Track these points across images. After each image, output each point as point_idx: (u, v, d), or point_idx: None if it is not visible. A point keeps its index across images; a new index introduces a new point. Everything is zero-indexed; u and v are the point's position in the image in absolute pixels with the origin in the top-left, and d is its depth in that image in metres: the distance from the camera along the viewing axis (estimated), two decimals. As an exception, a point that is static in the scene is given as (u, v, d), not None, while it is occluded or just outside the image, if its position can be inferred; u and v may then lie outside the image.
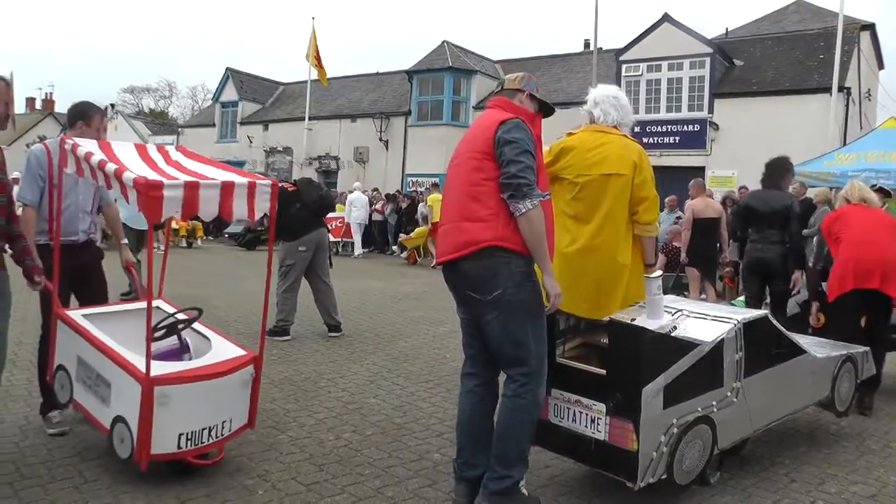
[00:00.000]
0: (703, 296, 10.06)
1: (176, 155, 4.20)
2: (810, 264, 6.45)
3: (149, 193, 3.34)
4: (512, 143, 3.34)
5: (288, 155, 30.62)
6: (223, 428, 3.96)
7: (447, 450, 4.42)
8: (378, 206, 22.05)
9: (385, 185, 25.88)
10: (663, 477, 3.56)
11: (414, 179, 26.23)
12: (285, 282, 7.85)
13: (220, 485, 3.83)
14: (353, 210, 20.28)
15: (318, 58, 26.81)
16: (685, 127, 21.17)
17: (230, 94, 33.69)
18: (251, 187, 3.77)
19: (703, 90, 20.93)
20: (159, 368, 3.71)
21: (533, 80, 3.72)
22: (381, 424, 4.98)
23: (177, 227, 20.70)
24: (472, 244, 3.36)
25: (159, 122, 48.59)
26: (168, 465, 3.86)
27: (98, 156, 3.80)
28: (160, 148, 4.26)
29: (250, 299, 10.27)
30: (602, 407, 3.58)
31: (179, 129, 38.95)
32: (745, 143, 18.81)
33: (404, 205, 21.51)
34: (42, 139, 32.83)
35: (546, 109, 3.73)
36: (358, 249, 20.45)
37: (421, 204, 20.08)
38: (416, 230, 19.34)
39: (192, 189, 3.49)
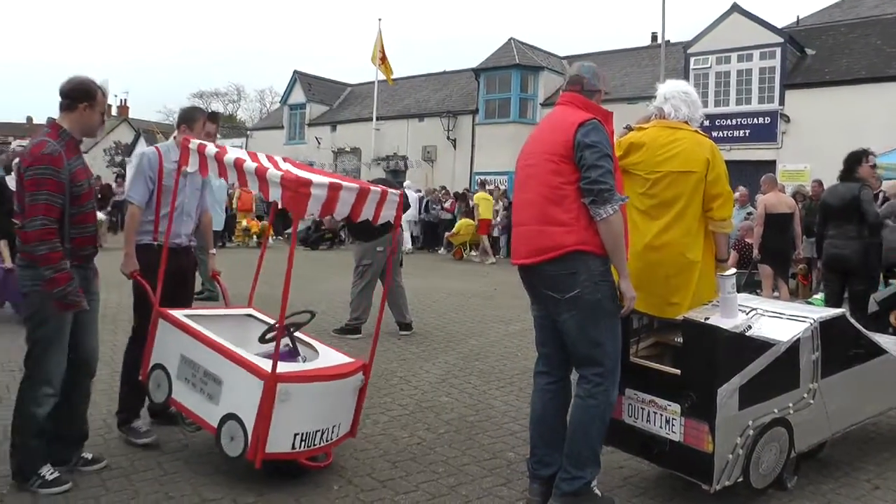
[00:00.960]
0: (776, 293, 9.86)
1: (284, 165, 4.19)
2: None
3: (299, 190, 3.45)
4: (592, 147, 3.35)
5: (356, 155, 30.91)
6: (333, 432, 3.97)
7: (521, 448, 4.45)
8: (447, 205, 22.23)
9: (453, 183, 25.94)
10: (739, 480, 3.54)
11: (482, 178, 26.23)
12: (362, 281, 7.98)
13: (296, 479, 3.92)
14: None
15: (382, 58, 27.06)
16: (755, 119, 20.67)
17: (298, 96, 34.22)
18: (383, 195, 3.90)
19: (774, 81, 20.39)
20: (281, 368, 3.71)
21: (605, 76, 3.73)
22: (455, 423, 5.04)
23: (248, 226, 21.17)
24: (556, 248, 3.38)
25: (228, 126, 49.57)
26: (274, 465, 3.83)
27: (231, 155, 3.91)
28: (269, 157, 4.26)
29: (322, 298, 10.43)
30: (677, 407, 3.57)
31: (248, 132, 39.68)
32: (818, 136, 18.28)
33: (473, 203, 21.62)
34: (118, 144, 33.61)
35: None
36: (407, 245, 20.81)
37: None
38: (458, 224, 19.60)
39: (334, 190, 3.60)
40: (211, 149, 4.01)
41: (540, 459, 3.66)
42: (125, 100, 50.86)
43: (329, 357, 4.26)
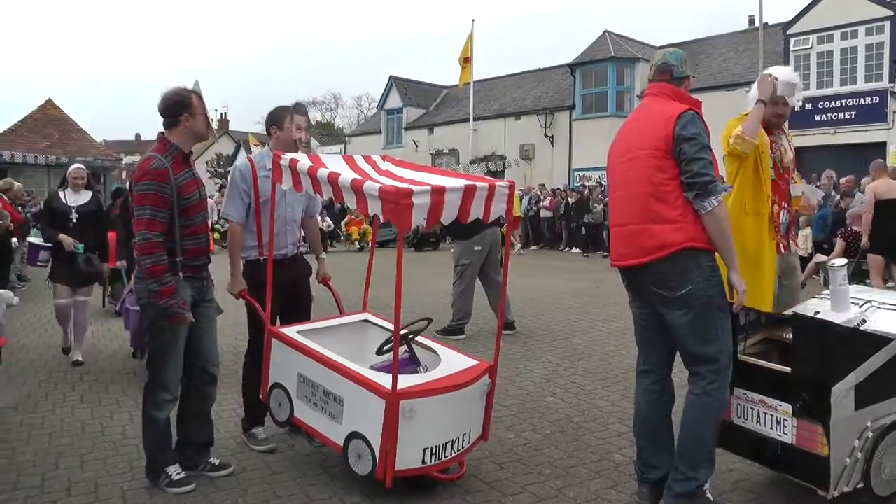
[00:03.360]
0: (891, 284, 9.42)
1: (385, 164, 4.17)
2: None
3: (400, 202, 3.27)
4: (691, 139, 3.28)
5: (454, 157, 31.12)
6: (463, 441, 3.87)
7: (628, 450, 4.41)
8: (546, 203, 22.43)
9: (552, 180, 25.88)
10: (859, 486, 3.37)
11: (581, 174, 26.05)
12: (461, 282, 8.05)
13: (401, 480, 3.76)
14: None
15: (467, 59, 27.23)
16: (862, 100, 19.74)
17: (394, 101, 34.86)
18: (491, 189, 3.68)
19: (882, 58, 19.43)
20: (402, 382, 3.60)
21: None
22: (560, 423, 5.03)
23: (349, 232, 21.63)
24: (666, 247, 3.30)
25: (326, 133, 50.75)
26: (406, 481, 3.77)
27: (324, 169, 3.75)
28: (367, 158, 4.20)
29: (426, 300, 10.56)
30: (788, 408, 3.44)
31: (346, 139, 40.51)
32: (935, 113, 17.34)
33: (572, 199, 21.63)
34: (219, 156, 34.92)
35: None
36: None
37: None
38: None
39: (438, 194, 3.42)
40: (304, 164, 3.85)
41: (647, 462, 3.62)
42: (225, 113, 52.91)
43: (451, 362, 4.10)
